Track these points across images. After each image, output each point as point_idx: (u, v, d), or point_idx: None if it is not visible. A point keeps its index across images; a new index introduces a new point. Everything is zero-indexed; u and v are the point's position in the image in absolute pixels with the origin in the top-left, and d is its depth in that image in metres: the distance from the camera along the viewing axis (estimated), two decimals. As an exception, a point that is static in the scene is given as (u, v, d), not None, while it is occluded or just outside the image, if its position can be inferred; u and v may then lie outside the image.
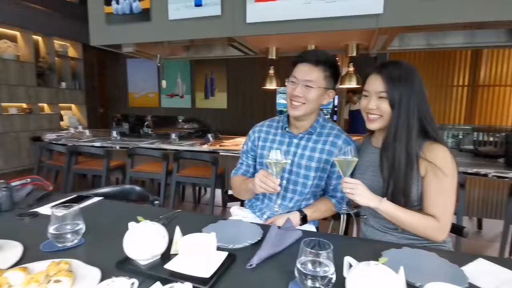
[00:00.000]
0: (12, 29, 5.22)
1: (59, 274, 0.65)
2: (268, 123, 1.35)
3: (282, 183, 1.22)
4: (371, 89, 1.02)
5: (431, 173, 0.95)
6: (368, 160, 1.11)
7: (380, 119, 1.02)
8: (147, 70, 7.01)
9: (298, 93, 1.15)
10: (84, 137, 3.70)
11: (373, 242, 1.00)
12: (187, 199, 3.71)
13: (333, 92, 1.21)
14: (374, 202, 0.95)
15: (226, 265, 0.75)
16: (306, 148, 1.22)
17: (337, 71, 1.21)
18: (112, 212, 1.17)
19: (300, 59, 1.18)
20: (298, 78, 1.16)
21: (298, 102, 1.16)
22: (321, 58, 1.15)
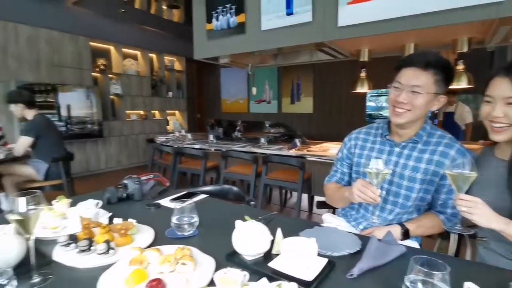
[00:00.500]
0: (134, 49, 6.33)
1: (183, 258, 0.78)
2: (366, 130, 1.29)
3: (382, 194, 1.16)
4: (496, 94, 0.89)
5: None
6: (490, 174, 0.96)
7: (509, 129, 0.88)
8: (238, 78, 7.54)
9: (402, 100, 1.06)
10: (187, 139, 4.22)
11: (498, 270, 0.86)
12: (274, 202, 3.83)
13: (444, 98, 1.08)
14: (499, 224, 0.82)
15: (326, 271, 0.76)
16: (410, 158, 1.12)
17: (450, 74, 1.08)
18: (216, 209, 1.31)
19: (405, 63, 1.08)
20: (403, 84, 1.07)
21: (403, 109, 1.07)
22: (431, 61, 1.04)
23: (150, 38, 6.41)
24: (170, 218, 1.03)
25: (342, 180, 1.32)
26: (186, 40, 6.54)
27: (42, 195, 0.76)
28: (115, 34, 5.79)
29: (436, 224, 1.10)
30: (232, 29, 3.13)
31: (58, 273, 0.79)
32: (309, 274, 0.72)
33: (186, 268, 0.75)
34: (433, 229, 1.12)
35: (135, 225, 1.00)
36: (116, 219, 1.03)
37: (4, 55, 4.39)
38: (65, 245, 0.89)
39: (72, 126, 5.12)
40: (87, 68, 5.39)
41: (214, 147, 3.76)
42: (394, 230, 1.06)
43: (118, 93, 5.90)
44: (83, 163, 5.34)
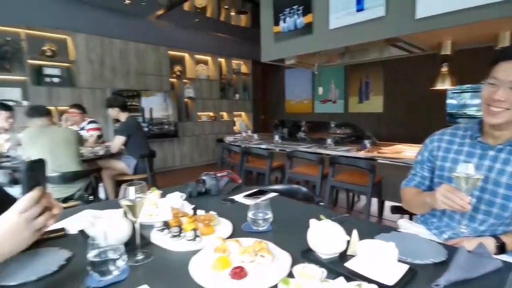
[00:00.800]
0: (205, 55, 6.80)
1: (261, 251, 0.83)
2: (451, 131, 1.18)
3: (472, 201, 1.05)
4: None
5: None
6: None
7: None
8: (302, 78, 7.50)
9: (499, 97, 0.95)
10: (253, 140, 4.38)
11: None
12: (340, 204, 3.72)
13: None
14: None
15: (407, 278, 0.73)
16: (508, 163, 1.00)
17: None
18: (287, 207, 1.36)
19: (503, 56, 0.97)
20: (500, 79, 0.96)
21: (500, 108, 0.96)
22: None
23: (219, 44, 6.82)
24: (245, 213, 1.10)
25: (422, 185, 1.23)
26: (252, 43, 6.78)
27: (146, 186, 0.90)
28: (189, 42, 6.32)
29: None
30: (299, 30, 3.15)
31: (156, 253, 0.92)
32: (389, 278, 0.71)
33: (265, 260, 0.81)
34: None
35: (216, 217, 1.10)
36: (199, 210, 1.14)
37: (102, 67, 5.16)
38: (160, 230, 1.03)
39: (152, 127, 5.75)
40: (165, 74, 6.00)
41: (279, 147, 3.82)
42: (487, 243, 0.95)
43: (191, 96, 6.42)
44: (161, 160, 5.95)
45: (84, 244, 0.78)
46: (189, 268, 0.82)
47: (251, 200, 1.10)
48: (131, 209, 0.87)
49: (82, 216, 1.18)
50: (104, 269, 0.76)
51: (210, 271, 0.79)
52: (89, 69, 5.01)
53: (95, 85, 5.08)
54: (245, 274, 0.76)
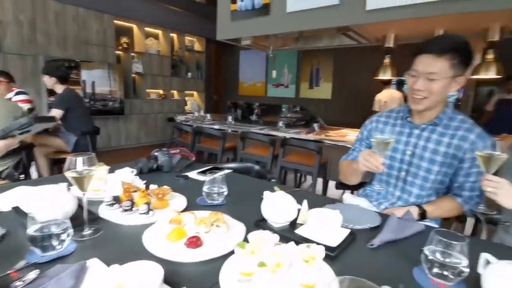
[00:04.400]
0: (156, 28, 6.37)
1: (217, 221, 0.85)
2: (387, 114, 1.32)
3: (401, 175, 1.20)
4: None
5: None
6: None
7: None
8: (256, 61, 7.49)
9: (419, 87, 1.08)
10: (206, 120, 4.30)
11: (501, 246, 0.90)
12: (288, 184, 3.90)
13: (462, 78, 1.08)
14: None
15: (349, 240, 0.82)
16: (430, 140, 1.15)
17: (469, 55, 1.07)
18: (242, 183, 1.39)
19: (420, 50, 1.08)
20: (419, 71, 1.08)
21: (420, 96, 1.10)
22: (447, 46, 1.03)
23: (172, 18, 6.42)
24: (200, 189, 1.11)
25: None
26: (207, 20, 6.53)
27: (95, 157, 0.85)
28: (138, 12, 5.83)
29: (454, 206, 1.13)
30: (256, 10, 3.12)
31: (106, 228, 0.89)
32: (333, 241, 0.79)
33: (220, 229, 0.83)
34: (451, 212, 1.15)
35: (170, 191, 1.09)
36: (152, 185, 1.11)
37: (33, 30, 4.53)
38: (110, 205, 0.98)
39: (95, 103, 5.29)
40: (111, 45, 5.50)
41: (232, 128, 3.83)
42: (412, 211, 1.10)
43: (139, 72, 6.01)
44: (105, 139, 5.54)
45: (19, 221, 0.72)
46: (142, 239, 0.80)
47: (205, 177, 1.10)
48: (78, 182, 0.82)
49: (14, 193, 1.07)
50: (46, 244, 0.71)
51: (165, 242, 0.79)
52: (18, 31, 4.37)
53: (24, 51, 4.46)
54: (201, 243, 0.78)
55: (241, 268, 0.63)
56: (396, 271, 0.73)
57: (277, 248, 0.66)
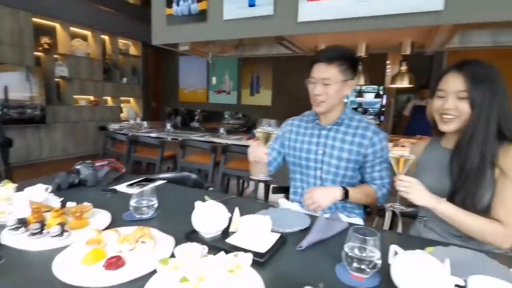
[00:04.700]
0: (84, 29, 5.86)
1: (143, 237, 0.80)
2: (300, 118, 1.44)
3: (317, 173, 1.30)
4: (450, 88, 0.98)
5: (503, 177, 0.92)
6: (435, 160, 1.09)
7: (456, 120, 0.98)
8: (197, 67, 7.38)
9: (318, 92, 1.22)
10: (142, 128, 4.07)
11: (421, 239, 1.02)
12: (231, 191, 3.89)
13: (353, 81, 1.25)
14: (432, 202, 0.94)
15: (278, 244, 0.84)
16: (336, 139, 1.28)
17: (354, 62, 1.24)
18: (175, 193, 1.33)
19: (315, 59, 1.23)
20: (315, 78, 1.22)
21: (320, 100, 1.23)
22: (335, 55, 1.20)
23: (102, 18, 5.97)
24: (128, 202, 1.03)
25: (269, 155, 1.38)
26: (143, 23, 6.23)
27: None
28: (61, 10, 5.29)
29: (370, 191, 1.24)
30: (193, 16, 3.08)
31: (9, 256, 0.76)
32: (263, 247, 0.80)
33: (146, 246, 0.78)
34: (368, 196, 1.24)
35: (91, 208, 0.99)
36: (70, 203, 1.00)
37: None
38: (14, 229, 0.85)
39: (9, 110, 4.62)
40: (28, 46, 4.87)
41: (171, 136, 3.69)
42: (335, 192, 1.17)
43: (64, 76, 5.43)
44: (23, 150, 4.87)
45: None
46: (52, 266, 0.71)
47: (135, 189, 1.03)
48: (-35, 204, 0.69)
49: None
50: None
51: (79, 266, 0.71)
52: None
53: None
54: (123, 263, 0.72)
55: (163, 286, 0.59)
56: (321, 270, 0.76)
57: (204, 261, 0.64)
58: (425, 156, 1.14)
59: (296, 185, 1.41)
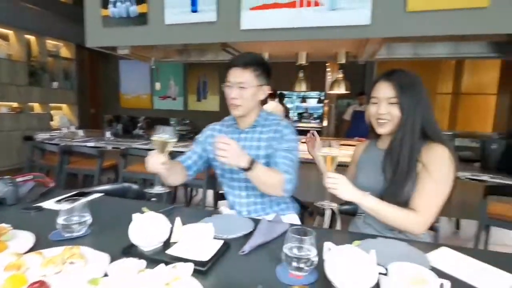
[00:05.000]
0: (5, 27, 5.19)
1: (72, 257, 0.73)
2: (221, 123, 1.48)
3: (242, 175, 1.30)
4: (381, 95, 1.09)
5: (423, 170, 1.03)
6: (372, 160, 1.19)
7: (389, 123, 1.10)
8: (139, 71, 7.05)
9: (234, 95, 1.26)
10: (77, 137, 3.73)
11: (354, 234, 1.10)
12: (179, 200, 3.77)
13: (267, 87, 1.33)
14: (358, 196, 1.02)
15: (221, 251, 0.84)
16: (253, 139, 1.33)
17: (267, 68, 1.32)
18: (113, 207, 1.25)
19: (230, 65, 1.29)
20: (231, 82, 1.27)
21: (237, 104, 1.27)
22: (249, 61, 1.26)
23: (27, 17, 5.36)
24: (55, 220, 0.93)
25: (189, 158, 1.41)
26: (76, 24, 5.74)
27: None
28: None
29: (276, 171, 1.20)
30: (132, 18, 2.94)
31: None
32: (205, 255, 0.79)
33: (76, 266, 0.72)
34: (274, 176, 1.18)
35: (9, 230, 0.87)
36: (-19, 226, 0.87)
37: None
38: None
39: None
40: None
41: (111, 144, 3.44)
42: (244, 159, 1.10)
43: (-21, 79, 4.74)
44: None
45: None
46: (-44, 302, 0.61)
47: (64, 205, 0.94)
48: None
49: None
50: None
51: (-7, 297, 0.62)
52: None
53: None
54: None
55: (94, 309, 0.55)
56: (263, 273, 0.78)
57: (141, 276, 0.61)
58: (363, 156, 1.26)
59: (225, 190, 1.44)
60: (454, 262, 0.83)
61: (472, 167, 2.45)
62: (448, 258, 0.86)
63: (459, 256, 0.87)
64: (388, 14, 2.37)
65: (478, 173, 2.22)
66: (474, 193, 2.48)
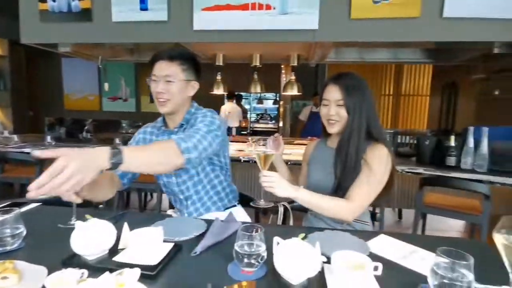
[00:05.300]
0: None
1: (4, 272, 0.67)
2: (153, 124, 1.41)
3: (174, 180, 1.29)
4: (331, 97, 1.16)
5: (365, 166, 1.12)
6: (321, 157, 1.26)
7: (338, 124, 1.17)
8: (85, 70, 6.57)
9: (161, 90, 1.19)
10: (12, 142, 3.37)
11: (304, 228, 1.16)
12: (133, 205, 3.60)
13: (197, 84, 1.29)
14: (292, 192, 1.04)
15: (172, 254, 0.83)
16: None
17: (195, 63, 1.28)
18: (53, 216, 1.15)
19: (156, 58, 1.23)
20: (157, 75, 1.21)
21: (164, 99, 1.21)
22: (175, 54, 1.22)
23: None
24: (-17, 234, 0.84)
25: None
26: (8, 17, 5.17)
27: None
28: None
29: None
30: (74, 14, 2.74)
31: None
32: (154, 259, 0.77)
33: (9, 281, 0.66)
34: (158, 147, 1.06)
35: None
36: None
37: None
38: None
39: None
40: None
41: (54, 150, 3.16)
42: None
43: None
44: None
45: None
46: None
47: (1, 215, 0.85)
48: None
49: None
50: None
51: None
52: None
53: None
54: (-29, 309, 0.58)
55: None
56: (215, 272, 0.79)
57: (82, 286, 0.58)
58: (314, 155, 1.32)
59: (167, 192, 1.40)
60: (389, 247, 0.92)
61: (409, 161, 2.71)
62: (385, 244, 0.94)
63: (394, 241, 0.96)
64: (334, 20, 2.52)
65: (414, 166, 2.45)
66: (412, 185, 2.75)
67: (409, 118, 6.44)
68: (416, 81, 6.34)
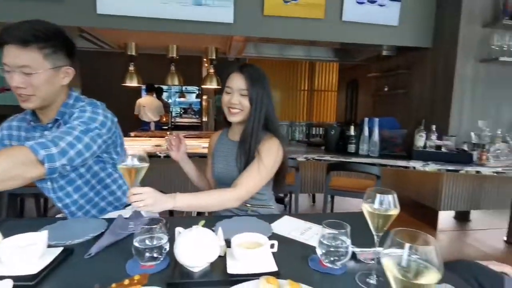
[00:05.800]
0: None
1: None
2: (21, 117, 1.12)
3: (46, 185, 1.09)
4: (235, 86, 1.14)
5: (257, 157, 1.13)
6: (223, 151, 1.25)
7: (241, 113, 1.16)
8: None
9: (18, 84, 0.92)
10: None
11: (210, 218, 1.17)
12: (29, 213, 3.10)
13: (71, 69, 1.02)
14: (168, 203, 0.94)
15: (60, 259, 0.74)
16: None
17: (65, 42, 0.99)
18: None
19: (2, 40, 0.90)
20: (10, 65, 0.91)
21: (24, 95, 0.95)
22: (28, 37, 0.89)
23: None
24: None
25: None
26: None
27: None
28: None
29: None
30: None
31: None
32: (35, 268, 0.68)
33: None
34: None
35: None
36: None
37: None
38: None
39: None
40: None
41: None
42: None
43: None
44: None
45: None
46: None
47: None
48: None
49: None
50: None
51: None
52: None
53: None
54: None
55: None
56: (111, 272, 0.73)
57: None
58: (217, 147, 1.32)
59: None
60: (289, 226, 1.00)
61: (319, 150, 2.99)
62: (286, 224, 1.02)
63: (294, 221, 1.05)
64: (248, 15, 2.60)
65: (323, 154, 2.72)
66: (322, 171, 3.04)
67: (322, 112, 7.10)
68: (326, 78, 7.01)
